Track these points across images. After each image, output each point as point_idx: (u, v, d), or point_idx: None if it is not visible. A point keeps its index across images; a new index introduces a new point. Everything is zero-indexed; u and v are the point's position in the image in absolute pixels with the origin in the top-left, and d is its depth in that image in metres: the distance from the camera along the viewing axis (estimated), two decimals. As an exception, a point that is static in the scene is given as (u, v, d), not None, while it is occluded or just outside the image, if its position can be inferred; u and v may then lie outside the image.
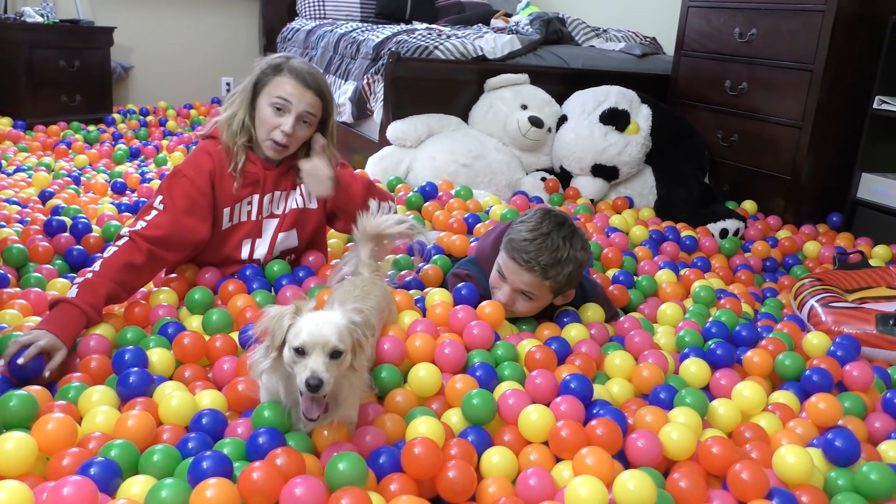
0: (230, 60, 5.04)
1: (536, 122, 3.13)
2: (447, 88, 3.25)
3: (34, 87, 3.97)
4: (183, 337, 1.52)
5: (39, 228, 2.17)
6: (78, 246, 2.08)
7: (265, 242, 1.90)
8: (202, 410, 1.31)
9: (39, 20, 4.02)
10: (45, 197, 2.62)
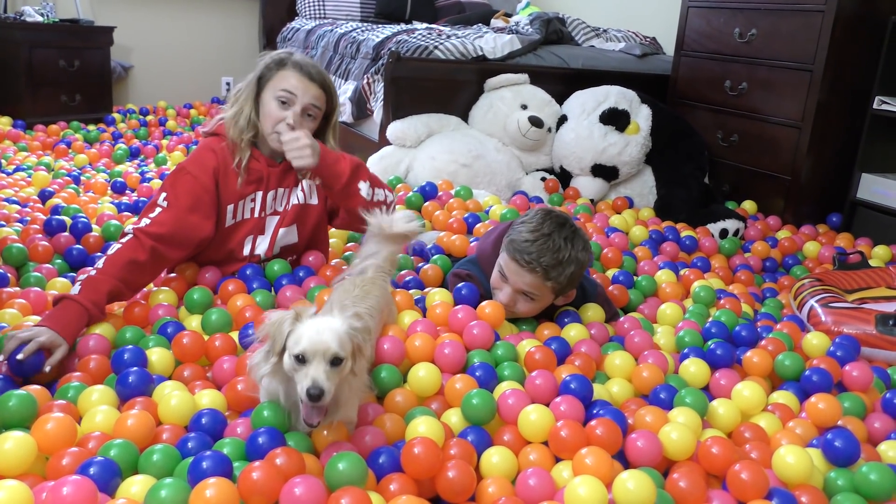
0: (230, 60, 5.03)
1: (536, 122, 3.13)
2: (447, 88, 3.25)
3: (34, 86, 3.96)
4: (182, 336, 1.52)
5: (39, 228, 2.17)
6: (78, 245, 2.07)
7: (266, 239, 1.90)
8: (202, 410, 1.31)
9: (39, 20, 4.02)
10: (44, 196, 2.63)
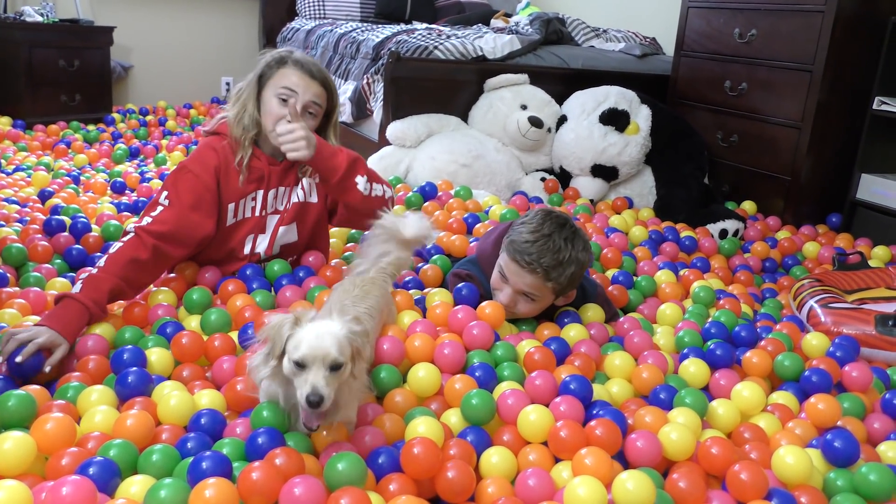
0: (230, 60, 5.03)
1: (536, 122, 3.13)
2: (447, 88, 3.25)
3: (34, 86, 3.96)
4: (181, 336, 1.52)
5: (39, 228, 2.17)
6: (77, 245, 2.07)
7: (266, 238, 1.90)
8: (201, 410, 1.31)
9: (39, 20, 4.02)
10: (44, 196, 2.62)
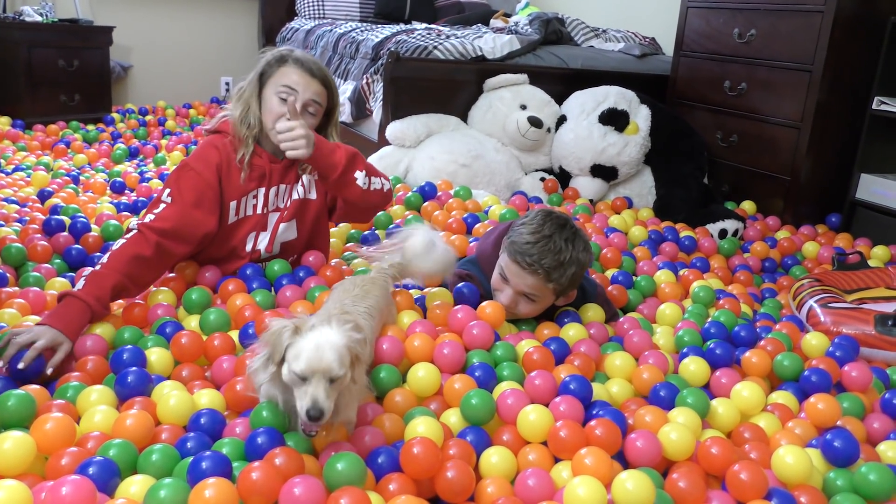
0: (229, 60, 5.03)
1: (535, 122, 3.13)
2: (446, 88, 3.25)
3: (33, 86, 3.96)
4: (181, 336, 1.52)
5: (38, 228, 2.17)
6: (77, 245, 2.07)
7: (268, 235, 1.91)
8: (200, 410, 1.30)
9: (38, 19, 4.02)
10: (43, 196, 2.62)
